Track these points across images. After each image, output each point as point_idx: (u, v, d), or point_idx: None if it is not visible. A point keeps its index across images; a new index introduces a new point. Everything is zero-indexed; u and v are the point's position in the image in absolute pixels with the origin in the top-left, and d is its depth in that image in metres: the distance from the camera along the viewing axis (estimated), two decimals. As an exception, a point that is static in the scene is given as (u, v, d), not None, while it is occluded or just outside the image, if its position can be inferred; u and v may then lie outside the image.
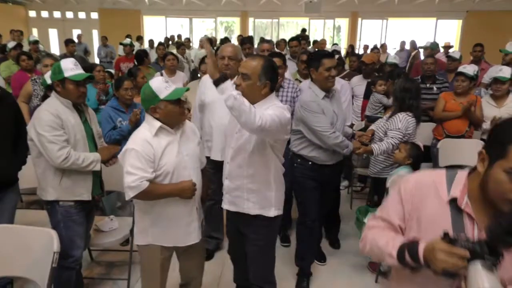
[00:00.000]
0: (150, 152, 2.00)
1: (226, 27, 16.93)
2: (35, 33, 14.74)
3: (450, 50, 7.45)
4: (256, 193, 2.22)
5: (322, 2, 13.22)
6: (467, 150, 3.76)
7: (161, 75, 5.17)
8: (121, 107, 3.48)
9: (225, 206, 2.34)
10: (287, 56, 5.00)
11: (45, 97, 3.22)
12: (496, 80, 3.83)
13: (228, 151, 2.26)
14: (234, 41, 12.09)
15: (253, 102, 2.02)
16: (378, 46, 11.08)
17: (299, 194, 3.09)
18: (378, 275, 3.19)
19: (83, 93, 2.43)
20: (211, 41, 8.62)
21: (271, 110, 2.03)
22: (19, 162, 2.57)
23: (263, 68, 2.09)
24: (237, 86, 2.08)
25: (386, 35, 15.17)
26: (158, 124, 2.05)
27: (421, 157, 3.01)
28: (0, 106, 2.42)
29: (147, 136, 2.03)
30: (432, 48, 7.50)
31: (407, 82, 3.32)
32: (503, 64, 4.94)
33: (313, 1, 13.18)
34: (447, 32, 14.78)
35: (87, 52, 11.04)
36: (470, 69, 3.95)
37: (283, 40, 8.84)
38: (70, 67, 2.35)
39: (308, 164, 2.91)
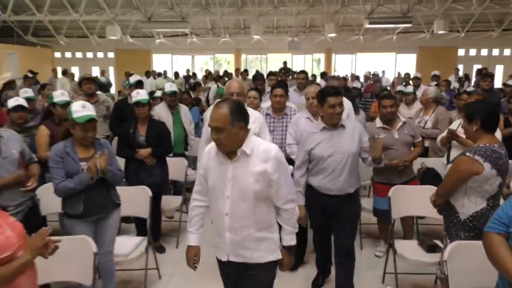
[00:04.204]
0: None
1: (215, 61, 19.82)
2: (59, 71, 17.36)
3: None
4: (263, 241, 2.08)
5: (301, 41, 16.34)
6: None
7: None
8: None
9: (232, 258, 2.09)
10: (294, 88, 5.51)
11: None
12: (403, 93, 6.59)
13: (222, 201, 2.02)
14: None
15: (238, 147, 1.98)
16: (349, 76, 14.23)
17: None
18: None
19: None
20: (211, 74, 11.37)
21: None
22: None
23: (232, 114, 1.93)
24: (216, 141, 1.96)
25: (356, 67, 18.33)
26: None
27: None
28: None
29: None
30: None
31: (347, 95, 6.04)
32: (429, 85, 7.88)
33: (294, 41, 16.30)
34: (407, 64, 17.95)
35: (109, 84, 13.87)
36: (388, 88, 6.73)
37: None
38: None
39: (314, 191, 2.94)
